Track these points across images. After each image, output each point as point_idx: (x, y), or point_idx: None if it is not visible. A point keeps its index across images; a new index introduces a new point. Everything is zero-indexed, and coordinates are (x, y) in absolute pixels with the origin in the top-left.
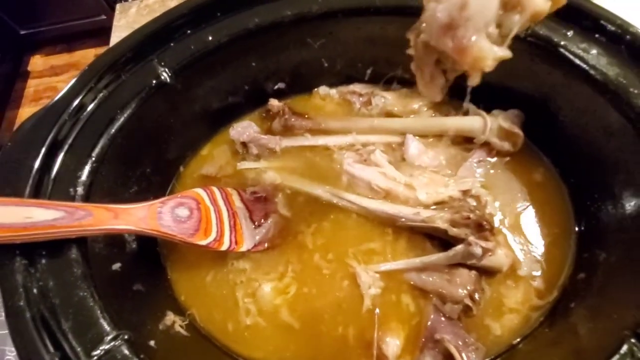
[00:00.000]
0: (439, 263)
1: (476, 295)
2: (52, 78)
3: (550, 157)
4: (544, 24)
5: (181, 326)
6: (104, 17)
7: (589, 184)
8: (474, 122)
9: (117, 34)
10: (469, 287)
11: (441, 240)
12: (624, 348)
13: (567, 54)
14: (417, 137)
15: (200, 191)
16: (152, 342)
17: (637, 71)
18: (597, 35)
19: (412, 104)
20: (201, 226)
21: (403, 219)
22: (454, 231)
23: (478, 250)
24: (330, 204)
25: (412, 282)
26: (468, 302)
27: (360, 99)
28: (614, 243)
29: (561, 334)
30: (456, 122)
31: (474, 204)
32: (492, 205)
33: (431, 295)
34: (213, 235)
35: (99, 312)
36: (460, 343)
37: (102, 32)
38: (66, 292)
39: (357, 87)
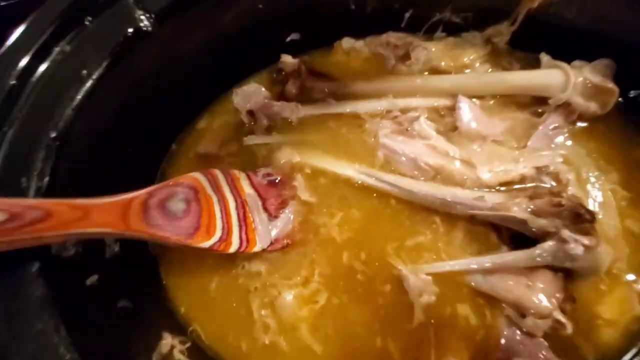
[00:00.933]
0: (517, 265)
1: (567, 307)
2: None
3: None
4: None
5: (182, 352)
6: None
7: None
8: (551, 76)
9: None
10: (557, 295)
11: (510, 231)
12: None
13: None
14: (472, 99)
15: (198, 176)
16: None
17: None
18: None
19: (464, 57)
20: (202, 222)
21: (460, 206)
22: (539, 223)
23: (579, 250)
24: (363, 187)
25: (475, 287)
26: (559, 316)
27: (396, 51)
28: None
29: None
30: (525, 78)
31: (553, 184)
32: (575, 186)
33: (503, 305)
34: (218, 233)
35: (65, 351)
36: None
37: None
38: (20, 325)
39: (391, 37)
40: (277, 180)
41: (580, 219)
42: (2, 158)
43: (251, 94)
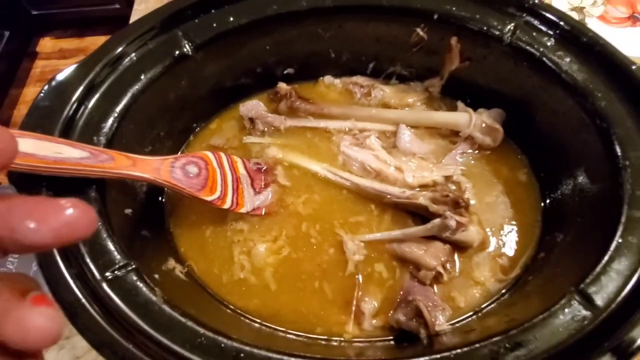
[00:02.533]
0: (417, 234)
1: (448, 265)
2: (59, 61)
3: (525, 153)
4: (527, 33)
5: (181, 272)
6: (117, 6)
7: (556, 177)
8: (460, 117)
9: (136, 18)
10: (442, 258)
11: (422, 217)
12: (565, 299)
13: (545, 60)
14: (409, 128)
15: (209, 154)
16: (156, 275)
17: (602, 77)
18: (571, 45)
19: (408, 98)
20: (208, 184)
21: (389, 196)
22: (433, 207)
23: (452, 223)
24: (325, 180)
25: (392, 252)
26: (440, 269)
27: (362, 90)
28: (571, 226)
29: (516, 298)
30: (444, 116)
31: (454, 188)
32: (470, 192)
33: (408, 264)
34: (217, 193)
35: (111, 244)
36: (430, 304)
37: (115, 21)
38: None
39: (359, 79)
40: (263, 169)
41: (458, 205)
42: (83, 123)
43: (253, 106)
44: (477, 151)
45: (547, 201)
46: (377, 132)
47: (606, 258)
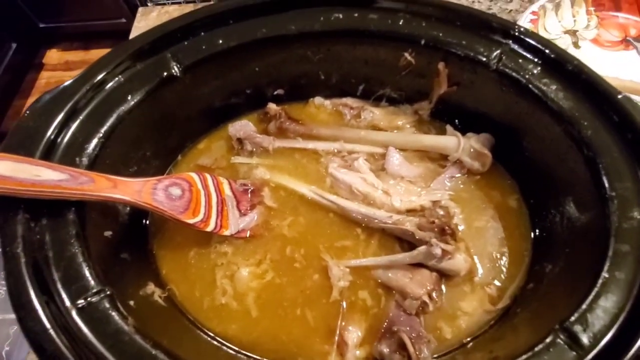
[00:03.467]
0: (403, 262)
1: (434, 294)
2: (65, 72)
3: (515, 179)
4: (513, 60)
5: (160, 297)
6: (123, 20)
7: (545, 204)
8: (449, 141)
9: (136, 34)
10: (428, 286)
11: (410, 243)
12: (550, 337)
13: (531, 87)
14: (398, 150)
15: (194, 175)
16: (131, 302)
17: (588, 105)
18: (557, 73)
19: (397, 121)
20: (191, 206)
21: (376, 220)
22: (419, 234)
23: (438, 251)
24: (311, 202)
25: (378, 279)
26: (426, 299)
27: (351, 111)
28: (559, 256)
29: (504, 332)
30: (433, 140)
31: (442, 213)
32: (459, 217)
33: (394, 292)
34: (200, 216)
35: (86, 268)
36: (414, 335)
37: (120, 35)
38: (60, 247)
39: (349, 101)
40: (250, 190)
41: (444, 232)
42: (65, 144)
43: (242, 126)
44: (466, 175)
45: (537, 229)
46: (366, 154)
47: (592, 294)
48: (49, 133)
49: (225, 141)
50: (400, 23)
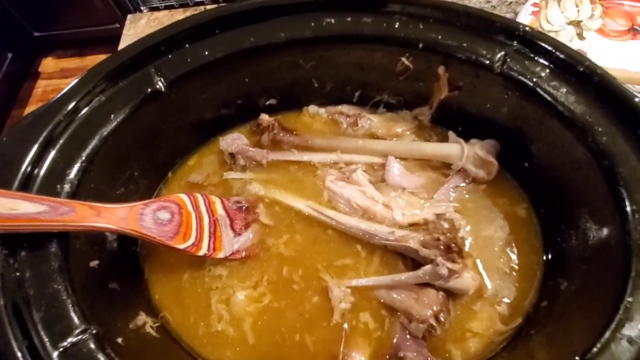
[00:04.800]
0: (407, 282)
1: (441, 316)
2: (61, 80)
3: (523, 187)
4: (518, 62)
5: (152, 327)
6: (117, 25)
7: (557, 215)
8: (452, 148)
9: (125, 43)
10: (435, 308)
11: (414, 261)
12: None
13: (539, 90)
14: (398, 160)
15: (183, 196)
16: (119, 340)
17: (603, 110)
18: (567, 75)
19: (396, 128)
20: (181, 230)
21: (377, 237)
22: (424, 251)
23: (444, 271)
24: (309, 218)
25: (382, 300)
26: (432, 321)
27: (348, 119)
28: (575, 273)
29: (518, 357)
30: (435, 148)
31: (447, 226)
32: (465, 230)
33: (399, 314)
34: (192, 240)
35: (70, 305)
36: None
37: (115, 40)
38: (41, 284)
39: (345, 108)
40: (244, 207)
41: (451, 250)
42: (45, 170)
43: (234, 140)
44: (470, 184)
45: (549, 242)
46: (365, 165)
47: (615, 322)
48: (27, 160)
49: (217, 156)
50: (396, 26)
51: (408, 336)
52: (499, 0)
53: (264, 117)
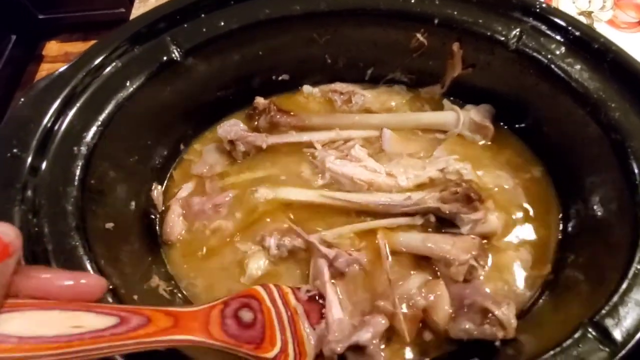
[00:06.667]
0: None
1: (480, 260)
2: (65, 64)
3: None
4: (534, 39)
5: (165, 290)
6: (122, 9)
7: (568, 189)
8: (448, 116)
9: None
10: (473, 252)
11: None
12: (579, 332)
13: (553, 67)
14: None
15: (260, 289)
16: (135, 297)
17: (616, 87)
18: (582, 52)
19: (390, 102)
20: (266, 333)
21: (397, 206)
22: (445, 207)
23: (469, 225)
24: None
25: (416, 251)
26: (473, 262)
27: (342, 97)
28: (582, 246)
29: (526, 324)
30: (431, 117)
31: (455, 177)
32: (472, 173)
33: (436, 269)
34: (279, 344)
35: (87, 261)
36: (491, 301)
37: (119, 24)
38: (59, 240)
39: (338, 86)
40: (317, 295)
41: (471, 199)
42: (63, 132)
43: (231, 127)
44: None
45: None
46: (362, 139)
47: (624, 286)
48: (44, 122)
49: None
50: (412, 1)
51: (460, 284)
52: None
53: (260, 100)
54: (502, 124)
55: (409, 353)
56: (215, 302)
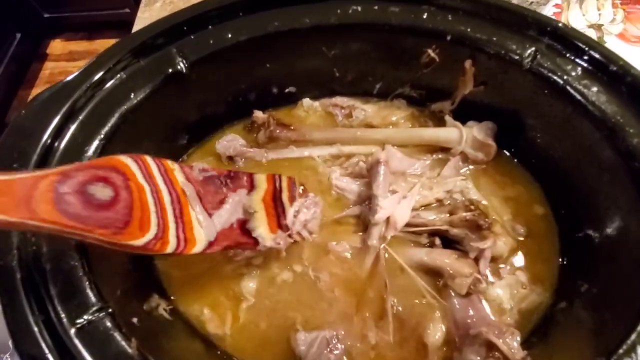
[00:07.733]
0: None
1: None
2: (68, 63)
3: (540, 182)
4: (549, 59)
5: (165, 309)
6: (127, 10)
7: (579, 215)
8: (451, 133)
9: (140, 26)
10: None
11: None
12: None
13: (569, 88)
14: (396, 147)
15: (128, 161)
16: (134, 320)
17: (635, 111)
18: (599, 74)
19: (391, 117)
20: (134, 215)
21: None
22: (454, 231)
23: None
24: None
25: (420, 265)
26: (477, 275)
27: (342, 111)
28: (597, 275)
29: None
30: (434, 133)
31: (462, 199)
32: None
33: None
34: (153, 229)
35: (87, 283)
36: (496, 332)
37: (124, 25)
38: (57, 260)
39: (338, 100)
40: (216, 177)
41: (480, 227)
42: (65, 145)
43: (230, 142)
44: (471, 166)
45: (568, 244)
46: (364, 155)
47: None
48: (46, 135)
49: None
50: (424, 17)
51: (467, 308)
52: (519, 0)
53: (259, 114)
54: (506, 147)
55: None
56: (46, 171)
